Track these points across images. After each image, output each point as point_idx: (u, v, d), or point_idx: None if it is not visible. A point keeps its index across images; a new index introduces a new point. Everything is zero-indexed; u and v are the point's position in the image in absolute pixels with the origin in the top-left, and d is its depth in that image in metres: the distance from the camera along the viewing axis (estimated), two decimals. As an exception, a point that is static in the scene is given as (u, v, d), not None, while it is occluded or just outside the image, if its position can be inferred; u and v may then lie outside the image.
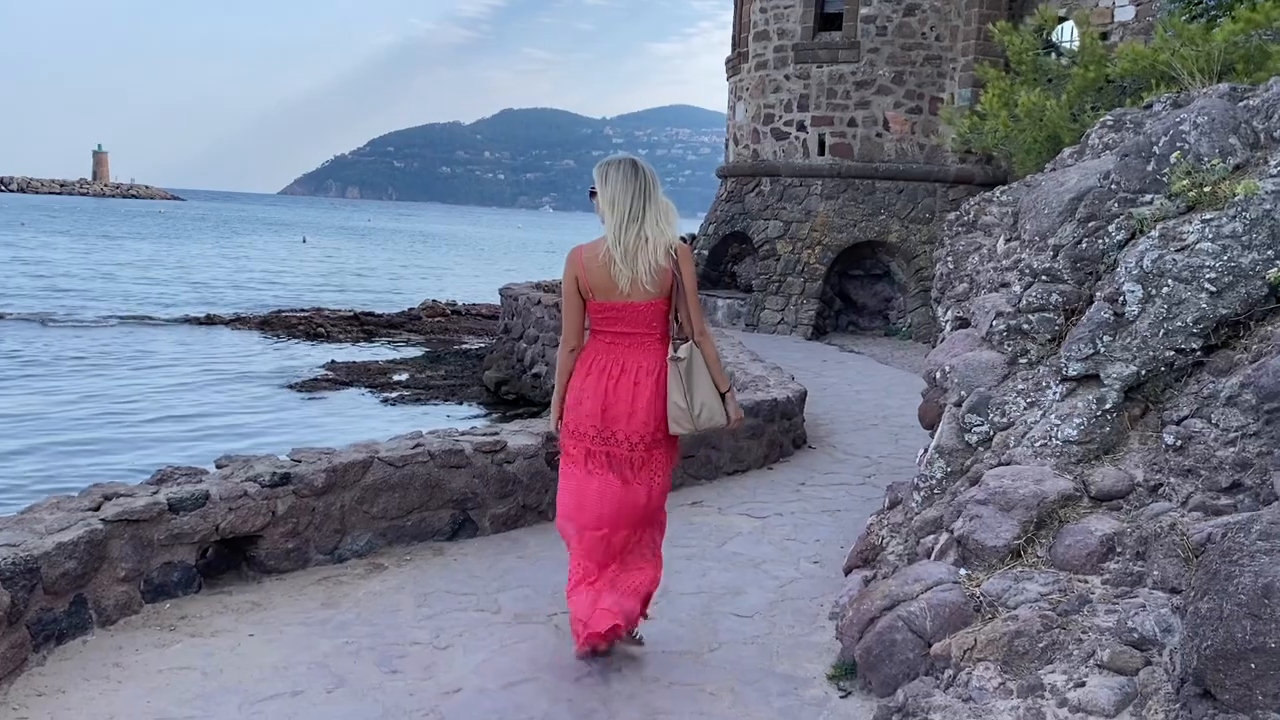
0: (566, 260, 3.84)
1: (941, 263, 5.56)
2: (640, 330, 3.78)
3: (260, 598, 4.38)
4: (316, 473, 4.79)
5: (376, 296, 31.38)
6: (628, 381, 3.76)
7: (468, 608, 4.36)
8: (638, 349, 3.79)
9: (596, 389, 3.76)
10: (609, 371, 3.77)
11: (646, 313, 3.76)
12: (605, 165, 3.86)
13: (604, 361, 3.79)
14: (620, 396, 3.75)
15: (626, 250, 3.68)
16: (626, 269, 3.68)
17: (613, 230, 3.71)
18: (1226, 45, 6.64)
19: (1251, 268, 3.85)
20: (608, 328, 3.81)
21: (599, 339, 3.84)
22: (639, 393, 3.75)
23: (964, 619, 3.49)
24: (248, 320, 23.32)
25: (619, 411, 3.74)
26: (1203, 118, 4.39)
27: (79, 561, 3.81)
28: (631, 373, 3.77)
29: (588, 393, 3.77)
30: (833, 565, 5.05)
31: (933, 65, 15.20)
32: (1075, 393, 4.11)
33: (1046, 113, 6.86)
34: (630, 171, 3.76)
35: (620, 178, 3.76)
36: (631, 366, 3.77)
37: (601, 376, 3.77)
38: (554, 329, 15.00)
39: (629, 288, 3.70)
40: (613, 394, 3.75)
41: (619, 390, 3.75)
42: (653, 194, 3.74)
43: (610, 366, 3.78)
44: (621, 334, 3.78)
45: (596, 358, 3.81)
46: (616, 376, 3.76)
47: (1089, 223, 4.57)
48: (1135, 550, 3.45)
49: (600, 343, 3.83)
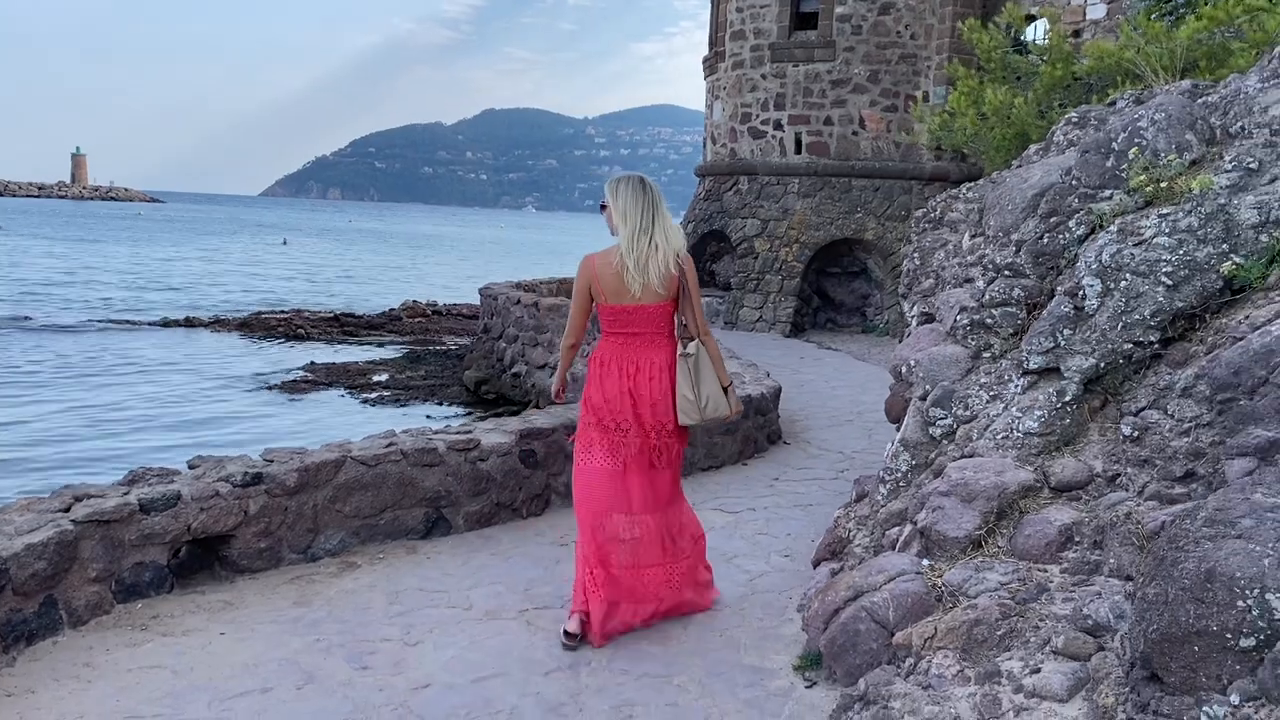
0: (580, 266, 4.21)
1: (909, 259, 5.63)
2: (650, 330, 4.14)
3: (233, 597, 4.40)
4: (289, 472, 4.80)
5: (357, 298, 31.31)
6: (643, 378, 4.12)
7: (439, 604, 4.39)
8: (649, 347, 4.15)
9: (620, 386, 4.12)
10: (625, 370, 4.14)
11: (656, 314, 4.12)
12: (616, 182, 4.20)
13: (620, 360, 4.15)
14: (643, 390, 4.11)
15: (639, 258, 4.03)
16: (639, 275, 4.02)
17: (626, 240, 4.05)
18: (1190, 43, 6.74)
19: (1206, 261, 3.92)
20: (620, 329, 4.16)
21: (612, 340, 4.19)
22: (656, 386, 4.12)
23: (925, 609, 3.55)
24: (227, 322, 23.21)
25: (645, 404, 4.11)
26: (1160, 114, 4.46)
27: (49, 562, 3.82)
28: (646, 369, 4.13)
29: (612, 390, 4.13)
30: (802, 559, 5.10)
31: (908, 64, 15.30)
32: (1036, 385, 4.18)
33: (1014, 110, 6.94)
34: (639, 187, 4.12)
35: (630, 193, 4.10)
36: (645, 363, 4.14)
37: (621, 375, 4.13)
38: (533, 328, 15.02)
39: (640, 292, 4.05)
40: (638, 389, 4.12)
41: (639, 384, 4.12)
42: (660, 207, 4.12)
43: (625, 364, 4.14)
44: (633, 334, 4.14)
45: (612, 356, 4.17)
46: (633, 374, 4.13)
47: (1050, 218, 4.64)
48: (1093, 539, 3.52)
49: (614, 343, 4.18)
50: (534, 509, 5.82)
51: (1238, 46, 6.40)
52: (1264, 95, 4.46)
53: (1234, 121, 4.45)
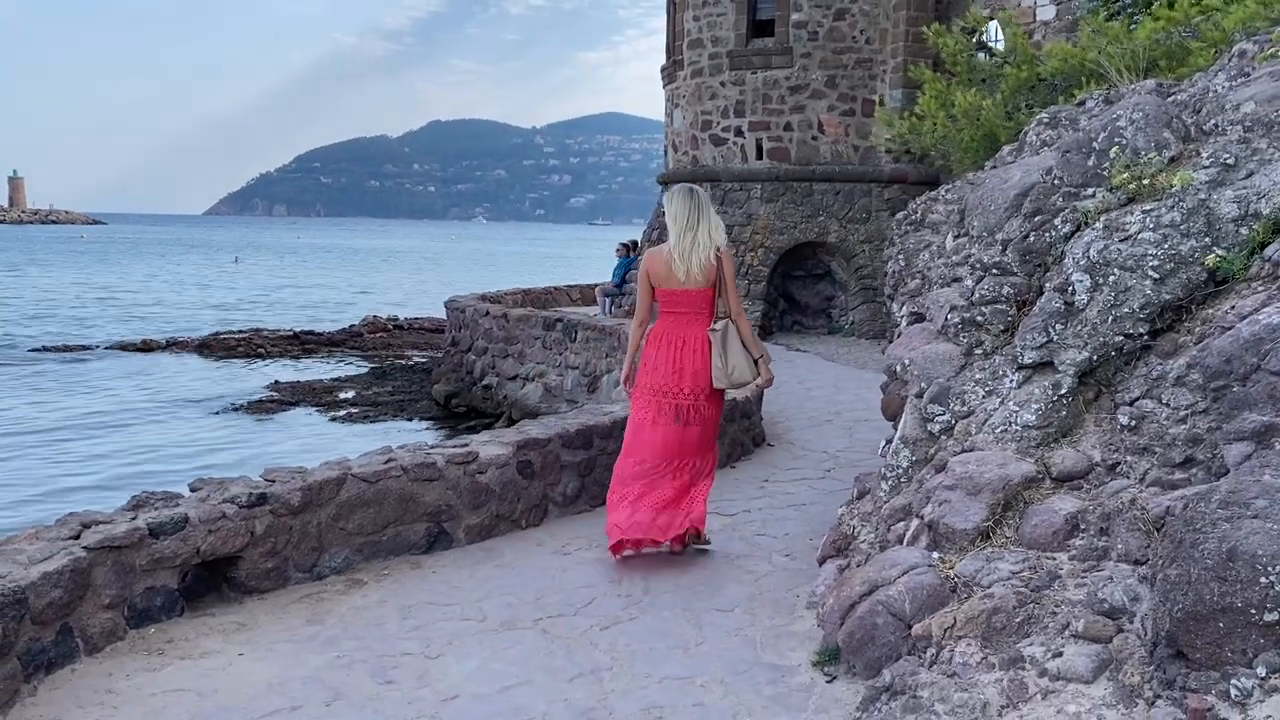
0: (642, 260, 5.23)
1: (893, 260, 5.75)
2: (693, 311, 5.08)
3: (244, 618, 4.40)
4: (292, 491, 4.80)
5: (315, 315, 31.02)
6: (688, 350, 5.04)
7: (453, 617, 4.42)
8: (693, 324, 5.08)
9: (667, 356, 5.07)
10: (673, 342, 5.07)
11: (698, 298, 5.07)
12: (671, 191, 5.17)
13: (670, 335, 5.09)
14: (687, 360, 5.03)
15: (684, 251, 4.99)
16: (683, 264, 4.98)
17: (674, 237, 5.02)
18: (1149, 43, 6.95)
19: (1191, 254, 4.06)
20: (670, 309, 5.12)
21: (665, 318, 5.15)
22: (697, 357, 5.03)
23: (941, 600, 3.65)
24: (185, 344, 22.90)
25: (686, 371, 5.03)
26: (1138, 114, 4.61)
27: (64, 590, 3.80)
28: (690, 342, 5.05)
29: (661, 360, 5.09)
30: (803, 558, 5.19)
31: (864, 68, 15.54)
32: (1031, 380, 4.30)
33: (983, 112, 7.12)
34: (687, 194, 5.09)
35: (679, 199, 5.06)
36: (690, 337, 5.06)
37: (669, 346, 5.07)
38: (503, 340, 15.04)
39: (685, 278, 5.01)
40: (680, 359, 5.04)
41: (684, 355, 5.04)
42: (704, 211, 5.04)
43: (673, 338, 5.08)
44: (680, 314, 5.09)
45: (664, 332, 5.12)
46: (679, 346, 5.05)
47: (1035, 217, 4.78)
48: (1099, 526, 3.64)
49: (666, 321, 5.14)
50: (533, 519, 5.86)
51: (1196, 46, 6.62)
52: (1234, 93, 4.63)
53: (1207, 119, 4.62)
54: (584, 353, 13.36)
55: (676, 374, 5.04)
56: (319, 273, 59.74)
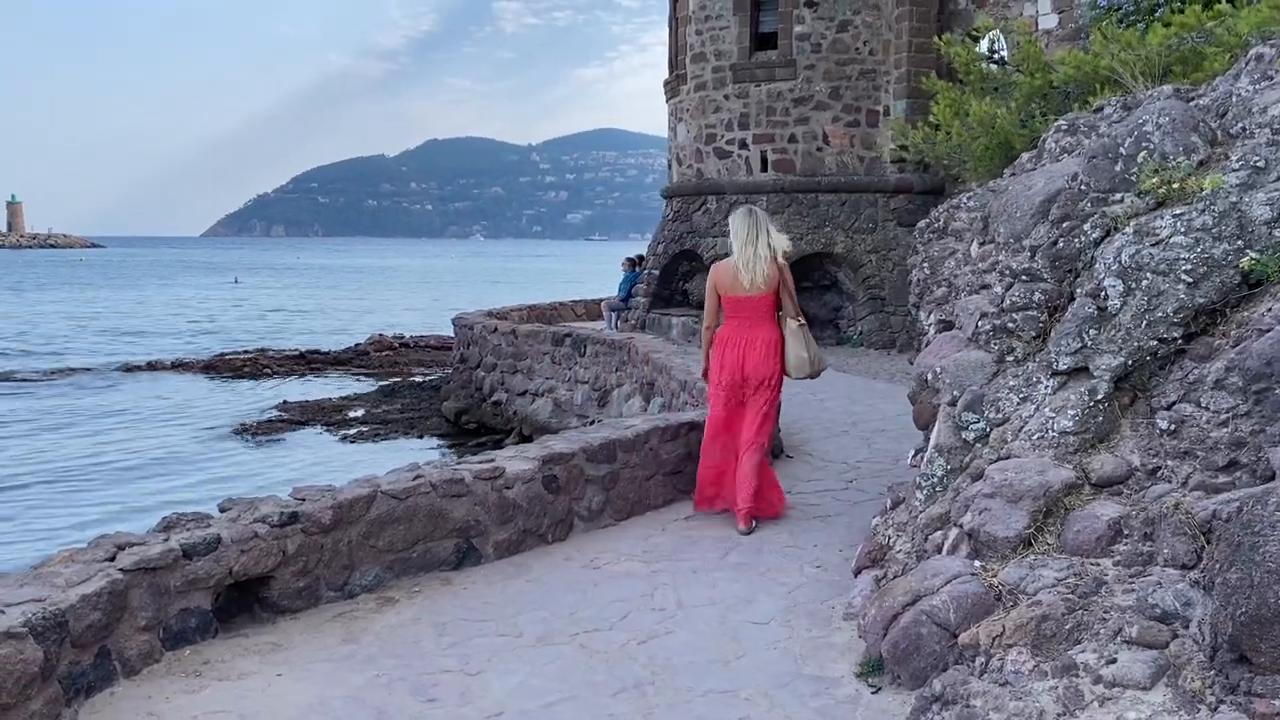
0: (710, 273, 6.12)
1: (917, 269, 5.75)
2: (756, 315, 5.99)
3: (279, 638, 4.37)
4: (323, 510, 4.78)
5: (318, 334, 31.02)
6: (751, 349, 5.96)
7: (489, 634, 4.39)
8: (756, 326, 5.99)
9: (734, 355, 5.97)
10: (737, 343, 5.98)
11: (760, 303, 5.96)
12: (734, 213, 6.11)
13: (736, 337, 6.00)
14: (750, 356, 5.95)
15: (746, 262, 5.87)
16: (748, 274, 5.86)
17: (737, 251, 5.93)
18: (1162, 49, 6.97)
19: (1224, 258, 4.06)
20: (735, 314, 6.00)
21: (731, 321, 6.03)
22: (759, 354, 5.96)
23: (986, 608, 3.63)
24: (191, 364, 22.90)
25: (751, 365, 5.95)
26: (1164, 118, 4.61)
27: (103, 612, 3.78)
28: (753, 342, 5.96)
29: (729, 358, 5.99)
30: (835, 569, 5.17)
31: (868, 79, 15.59)
32: (1066, 385, 4.29)
33: (998, 120, 7.14)
34: (746, 213, 6.02)
35: (740, 218, 6.00)
36: (754, 338, 5.97)
37: (736, 347, 5.98)
38: (512, 356, 15.03)
39: (749, 286, 5.89)
40: (746, 356, 5.95)
41: (749, 353, 5.95)
42: (762, 227, 5.94)
43: (739, 340, 5.98)
44: (744, 317, 5.99)
45: (731, 335, 6.02)
46: (743, 346, 5.97)
47: (1063, 223, 4.77)
48: (1143, 531, 3.63)
49: (731, 324, 6.03)
50: (559, 534, 5.84)
51: (1210, 51, 6.63)
52: (1260, 96, 4.63)
53: (1234, 122, 4.62)
54: (593, 367, 13.35)
55: (741, 370, 5.94)
56: (320, 292, 59.78)
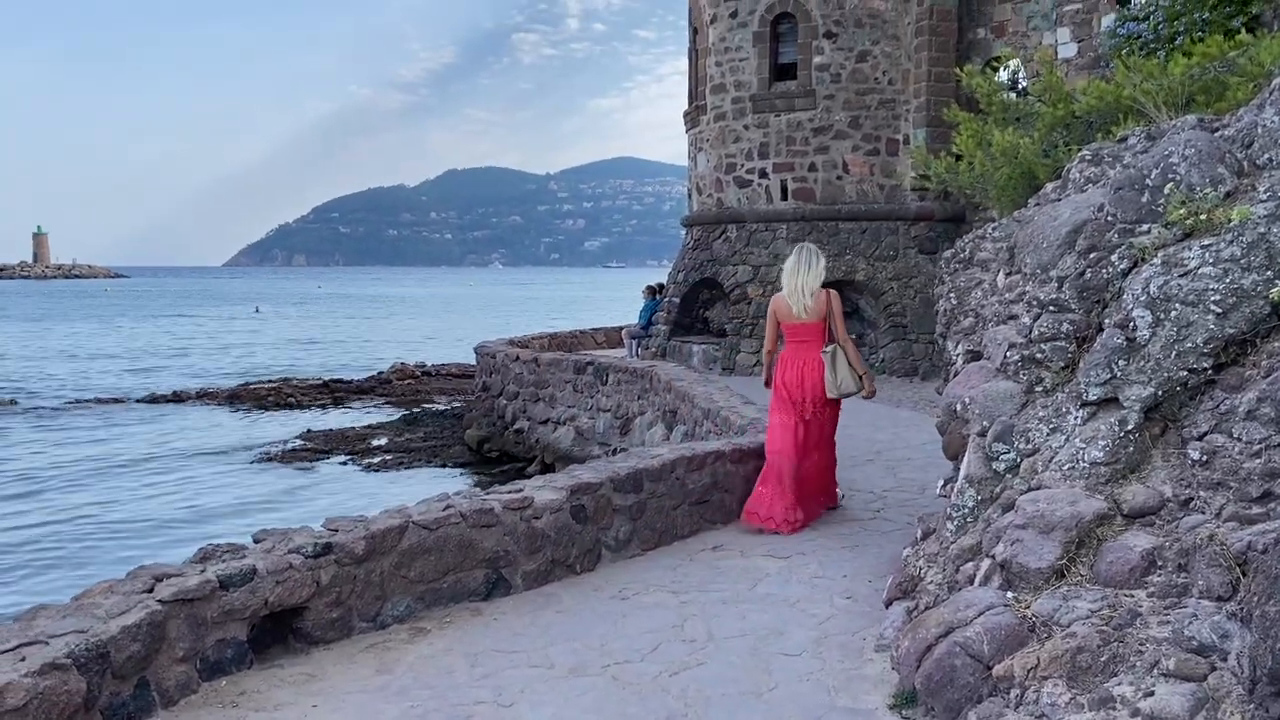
0: (770, 301, 6.95)
1: (944, 299, 5.77)
2: (810, 339, 6.79)
3: (313, 669, 4.40)
4: (356, 540, 4.83)
5: (340, 362, 31.22)
6: (807, 369, 6.73)
7: (521, 665, 4.41)
8: (810, 349, 6.78)
9: (794, 374, 6.76)
10: (795, 364, 6.78)
11: (812, 329, 6.78)
12: (790, 252, 6.94)
13: (793, 359, 6.81)
14: (808, 376, 6.72)
15: (796, 295, 6.73)
16: (797, 304, 6.73)
17: (786, 284, 6.78)
18: (1185, 78, 6.99)
19: (1253, 288, 4.07)
20: (793, 338, 6.84)
21: (789, 345, 6.87)
22: (814, 373, 6.72)
23: (1020, 640, 3.63)
24: (215, 394, 23.08)
25: (809, 383, 6.71)
26: (1190, 149, 4.64)
27: (142, 644, 3.83)
28: (809, 363, 6.74)
29: (789, 377, 6.78)
30: (864, 599, 5.16)
31: (887, 108, 15.67)
32: (1096, 416, 4.29)
33: (1021, 150, 7.18)
34: (798, 251, 6.87)
35: (793, 255, 6.86)
36: (809, 359, 6.76)
37: (794, 367, 6.78)
38: (534, 384, 15.10)
39: (803, 314, 6.74)
40: (802, 376, 6.73)
41: (804, 373, 6.73)
42: (809, 263, 6.77)
43: (796, 360, 6.79)
44: (801, 341, 6.81)
45: (790, 357, 6.84)
46: (800, 366, 6.76)
47: (1090, 254, 4.79)
48: (1177, 563, 3.62)
49: (790, 347, 6.86)
50: (587, 564, 5.86)
51: (1234, 81, 6.65)
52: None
53: (1260, 153, 4.63)
54: (615, 395, 13.39)
55: (799, 388, 6.71)
56: (341, 321, 60.16)
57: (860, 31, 15.55)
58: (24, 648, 3.48)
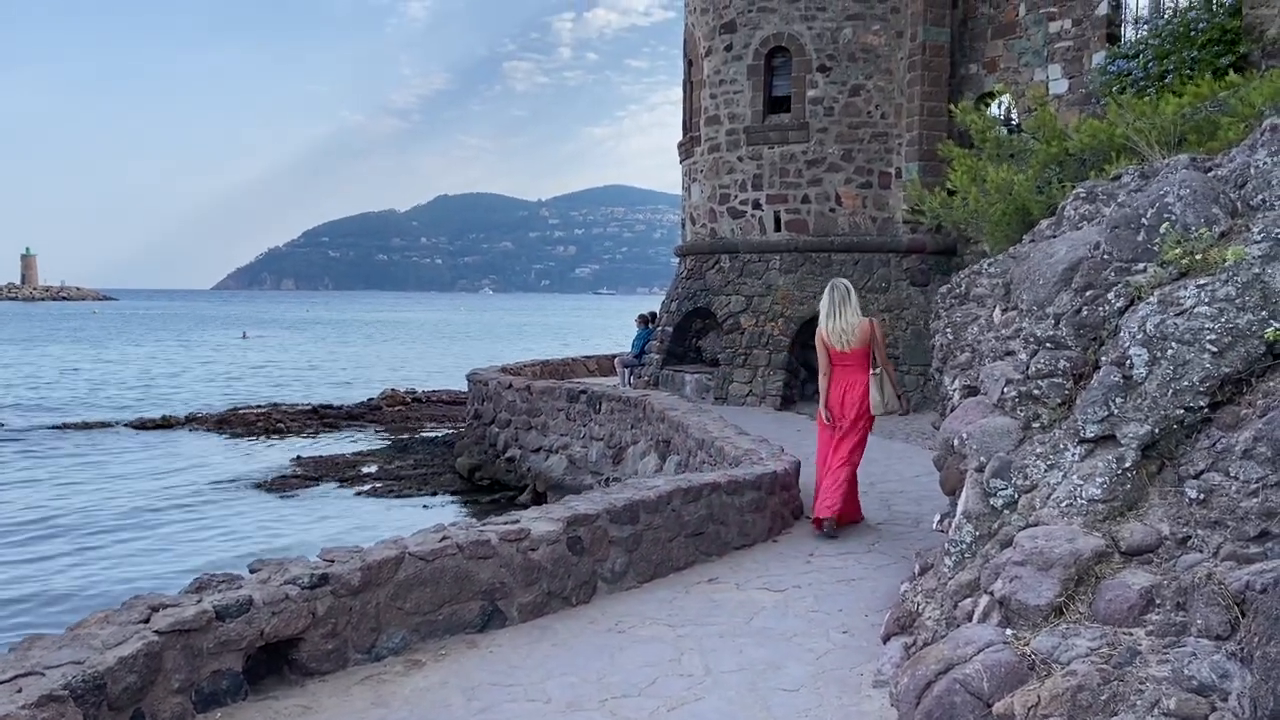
0: (817, 333, 7.75)
1: (941, 334, 5.81)
2: (855, 364, 7.66)
3: (308, 701, 4.38)
4: (353, 571, 4.81)
5: (327, 389, 31.13)
6: (851, 390, 7.65)
7: (518, 698, 4.39)
8: (854, 373, 7.67)
9: (837, 394, 7.68)
10: (842, 385, 7.68)
11: (856, 356, 7.63)
12: (826, 288, 7.76)
13: (841, 381, 7.69)
14: (849, 396, 7.64)
15: (833, 333, 7.59)
16: (839, 337, 7.57)
17: (825, 326, 7.62)
18: (1177, 118, 7.09)
19: (1248, 328, 4.11)
20: (839, 363, 7.67)
21: (837, 369, 7.71)
22: (856, 394, 7.63)
23: (1020, 677, 3.63)
24: (204, 419, 22.97)
25: (849, 403, 7.64)
26: (1185, 190, 4.70)
27: (139, 675, 3.80)
28: (855, 386, 7.65)
29: (833, 398, 7.70)
30: (862, 634, 5.16)
31: (880, 142, 15.81)
32: (1094, 453, 4.32)
33: (1015, 187, 7.26)
34: (830, 290, 7.67)
35: (825, 294, 7.69)
36: (854, 381, 7.66)
37: (839, 388, 7.68)
38: (526, 412, 15.08)
39: (845, 346, 7.59)
40: (844, 396, 7.65)
41: (847, 394, 7.65)
42: (847, 302, 7.60)
43: (842, 383, 7.69)
44: (846, 366, 7.67)
45: (838, 379, 7.71)
46: (845, 388, 7.66)
47: (1086, 291, 4.83)
48: (1175, 601, 3.63)
49: (837, 371, 7.71)
50: (582, 596, 5.84)
51: (1225, 121, 6.75)
52: (1279, 169, 4.72)
53: (1254, 194, 4.69)
54: (608, 424, 13.39)
55: (842, 405, 7.65)
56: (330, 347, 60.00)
57: (854, 66, 15.71)
58: (20, 679, 3.45)
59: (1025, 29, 14.73)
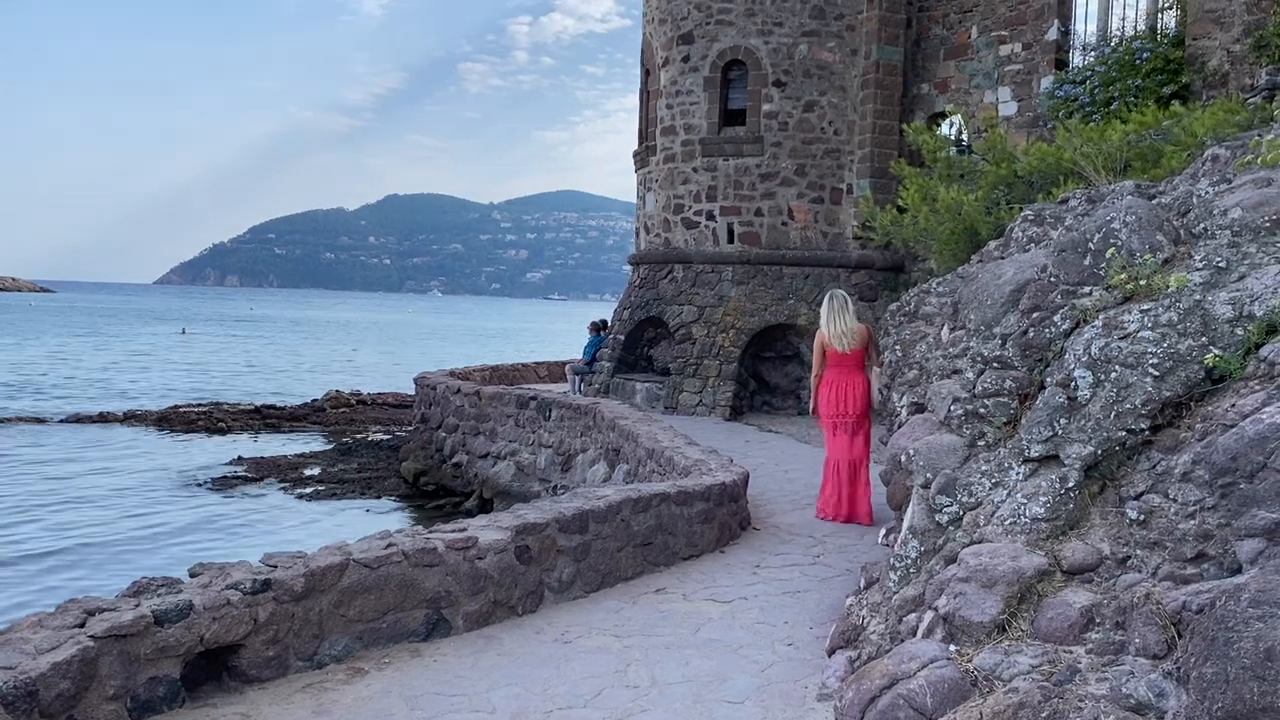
0: (816, 336, 8.44)
1: (889, 350, 5.88)
2: (851, 366, 8.29)
3: (247, 709, 4.30)
4: (295, 577, 4.74)
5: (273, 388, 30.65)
6: (848, 391, 8.26)
7: (462, 709, 4.36)
8: (851, 375, 8.32)
9: (836, 395, 8.28)
10: (838, 386, 8.28)
11: (853, 358, 8.25)
12: (825, 297, 8.49)
13: (837, 381, 8.30)
14: (847, 397, 8.25)
15: (836, 335, 8.17)
16: (839, 340, 8.15)
17: (827, 328, 8.25)
18: (1123, 144, 7.26)
19: (1189, 353, 4.21)
20: (836, 365, 8.25)
21: (831, 370, 8.31)
22: (854, 394, 8.27)
23: (962, 694, 3.67)
24: (143, 417, 22.49)
25: (848, 403, 8.24)
26: (1130, 216, 4.81)
27: (73, 681, 3.71)
28: (851, 386, 8.28)
29: (831, 398, 8.30)
30: (807, 647, 5.19)
31: (832, 158, 15.98)
32: (1038, 473, 4.40)
33: (964, 207, 7.38)
34: (829, 300, 8.38)
35: (825, 305, 8.38)
36: (850, 382, 8.30)
37: (836, 389, 8.28)
38: (475, 418, 14.98)
39: (846, 348, 8.18)
40: (844, 396, 8.25)
41: (846, 394, 8.25)
42: (845, 308, 8.31)
43: (839, 383, 8.29)
44: (844, 368, 8.29)
45: (834, 380, 8.33)
46: (843, 389, 8.26)
47: (1033, 313, 4.93)
48: (1114, 620, 3.70)
49: (833, 373, 8.31)
50: (529, 606, 5.81)
51: (1169, 149, 6.92)
52: (1220, 199, 4.85)
53: (1196, 223, 4.83)
54: (558, 431, 13.34)
55: (842, 405, 8.22)
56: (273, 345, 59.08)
57: (809, 82, 15.87)
58: (-52, 685, 3.35)
59: (977, 51, 15.01)
